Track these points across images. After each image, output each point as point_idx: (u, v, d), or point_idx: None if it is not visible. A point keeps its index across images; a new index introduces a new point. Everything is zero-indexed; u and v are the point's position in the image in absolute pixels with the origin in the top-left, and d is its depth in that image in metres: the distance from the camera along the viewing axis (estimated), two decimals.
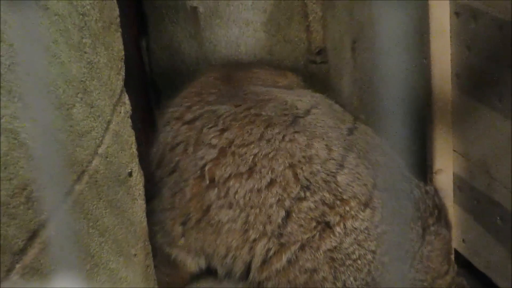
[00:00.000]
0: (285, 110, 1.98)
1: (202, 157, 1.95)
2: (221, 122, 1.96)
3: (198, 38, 2.55)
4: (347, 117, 2.07)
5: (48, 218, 1.10)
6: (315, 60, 2.53)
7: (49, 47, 1.14)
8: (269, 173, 1.88)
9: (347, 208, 1.85)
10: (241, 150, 1.91)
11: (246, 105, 2.00)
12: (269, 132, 1.92)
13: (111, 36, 1.45)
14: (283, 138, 1.91)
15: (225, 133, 1.94)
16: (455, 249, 2.14)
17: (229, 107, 2.00)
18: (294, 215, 1.86)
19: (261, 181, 1.88)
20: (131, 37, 2.43)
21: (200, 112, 2.03)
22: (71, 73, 1.20)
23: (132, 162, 1.51)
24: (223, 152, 1.93)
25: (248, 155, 1.90)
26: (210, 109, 2.03)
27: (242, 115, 1.97)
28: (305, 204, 1.86)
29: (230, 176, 1.91)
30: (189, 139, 2.00)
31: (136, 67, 2.57)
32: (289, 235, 1.87)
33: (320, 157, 1.89)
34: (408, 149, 1.92)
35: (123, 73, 1.51)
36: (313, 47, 2.51)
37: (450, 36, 1.96)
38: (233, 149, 1.92)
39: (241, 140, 1.92)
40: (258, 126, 1.93)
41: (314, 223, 1.86)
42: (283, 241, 1.87)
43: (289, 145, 1.90)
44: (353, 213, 1.85)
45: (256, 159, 1.90)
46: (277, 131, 1.92)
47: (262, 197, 1.88)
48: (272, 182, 1.88)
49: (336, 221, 1.85)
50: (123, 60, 1.52)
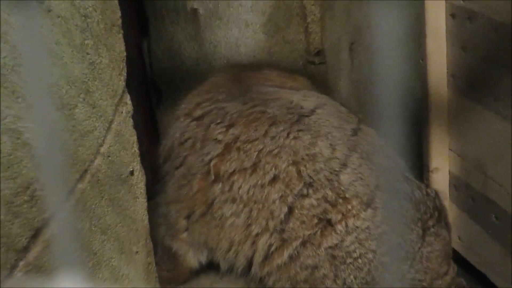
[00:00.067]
0: (291, 108, 1.99)
1: (208, 152, 1.96)
2: (228, 119, 1.98)
3: (198, 39, 2.56)
4: (352, 118, 2.07)
5: (51, 216, 1.11)
6: (314, 61, 2.53)
7: (52, 48, 1.15)
8: (273, 169, 1.89)
9: (349, 206, 1.85)
10: (246, 146, 1.92)
11: (252, 103, 2.01)
12: (273, 129, 1.93)
13: (113, 37, 1.45)
14: (287, 135, 1.91)
15: (231, 129, 1.96)
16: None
17: (237, 104, 2.01)
18: (296, 211, 1.87)
19: (265, 177, 1.89)
20: (132, 39, 2.43)
21: (209, 109, 2.05)
22: (73, 73, 1.21)
23: (133, 161, 1.52)
24: (228, 148, 1.94)
25: (252, 151, 1.91)
26: (218, 106, 2.04)
27: (248, 112, 1.98)
28: (307, 201, 1.86)
29: (235, 171, 1.92)
30: (197, 135, 2.02)
31: (137, 67, 2.58)
32: (291, 231, 1.87)
33: (323, 155, 1.89)
34: (405, 148, 1.93)
35: (125, 73, 1.52)
36: (311, 48, 2.51)
37: (446, 37, 1.97)
38: (238, 144, 1.93)
39: (246, 136, 1.93)
40: (263, 123, 1.94)
41: (316, 220, 1.86)
42: (285, 236, 1.88)
43: (293, 142, 1.90)
44: (354, 212, 1.85)
45: (260, 155, 1.90)
46: (282, 128, 1.93)
47: (265, 192, 1.89)
48: (276, 178, 1.88)
49: (337, 219, 1.85)
50: (124, 61, 1.52)
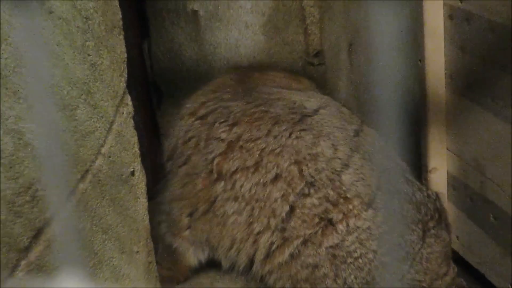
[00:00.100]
0: (294, 108, 2.00)
1: (211, 151, 1.97)
2: (232, 117, 1.99)
3: (199, 40, 2.57)
4: (354, 119, 2.08)
5: (52, 216, 1.11)
6: (313, 62, 2.54)
7: (53, 49, 1.15)
8: (275, 168, 1.90)
9: (350, 206, 1.85)
10: (248, 144, 1.93)
11: (256, 102, 2.02)
12: (276, 128, 1.94)
13: (114, 38, 1.46)
14: (289, 135, 1.92)
15: (234, 127, 1.97)
16: None
17: (240, 104, 2.02)
18: (298, 210, 1.87)
19: (267, 175, 1.90)
20: (133, 40, 2.44)
21: (213, 107, 2.06)
22: (74, 75, 1.21)
23: (134, 162, 1.52)
24: (231, 146, 1.95)
25: (255, 150, 1.92)
26: (223, 105, 2.05)
27: (252, 111, 1.99)
28: (309, 200, 1.87)
29: (237, 169, 1.93)
30: (201, 133, 2.03)
31: (138, 69, 2.58)
32: (292, 230, 1.87)
33: (325, 155, 1.90)
34: (403, 148, 1.93)
35: (126, 75, 1.52)
36: (310, 49, 2.53)
37: (444, 38, 1.97)
38: (241, 143, 1.94)
39: (249, 135, 1.94)
40: (266, 123, 1.95)
41: (317, 219, 1.86)
42: (286, 235, 1.88)
43: (295, 142, 1.91)
44: (356, 212, 1.85)
45: (262, 154, 1.91)
46: (284, 128, 1.93)
47: (267, 191, 1.89)
48: (278, 177, 1.89)
49: (339, 218, 1.85)
50: (125, 62, 1.53)
